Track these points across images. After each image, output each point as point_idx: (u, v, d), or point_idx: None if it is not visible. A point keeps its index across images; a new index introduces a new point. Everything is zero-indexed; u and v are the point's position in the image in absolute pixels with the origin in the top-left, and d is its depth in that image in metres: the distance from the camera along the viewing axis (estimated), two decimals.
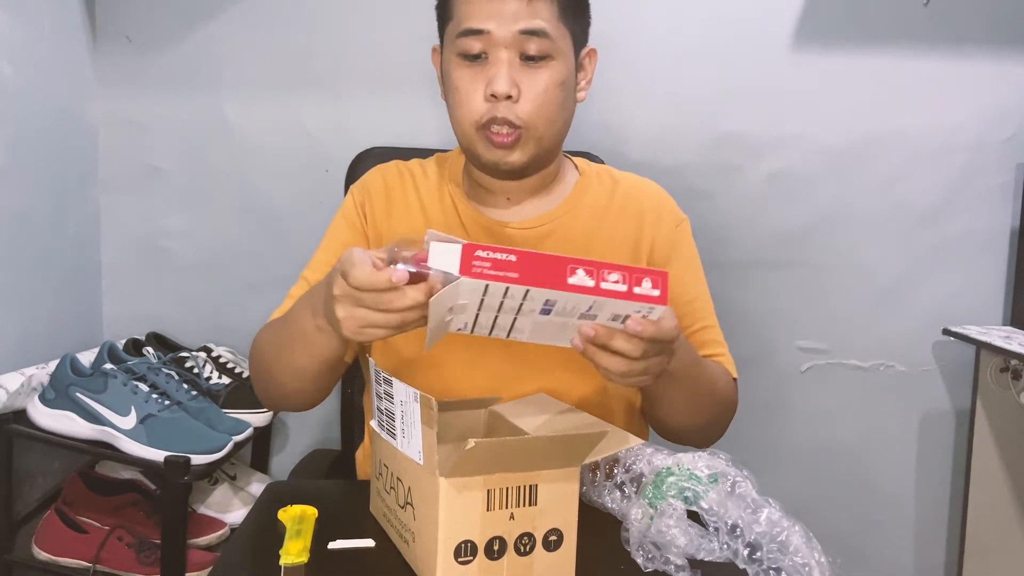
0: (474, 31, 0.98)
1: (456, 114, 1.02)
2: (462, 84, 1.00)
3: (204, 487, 1.59)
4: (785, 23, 1.81)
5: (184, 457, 1.36)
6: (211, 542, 1.52)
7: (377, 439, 0.86)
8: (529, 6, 0.97)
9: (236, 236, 1.82)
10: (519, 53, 0.98)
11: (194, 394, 1.51)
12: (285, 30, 1.77)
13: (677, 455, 0.89)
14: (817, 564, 0.77)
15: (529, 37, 0.98)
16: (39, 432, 1.42)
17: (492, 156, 1.01)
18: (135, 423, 1.39)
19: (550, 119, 1.01)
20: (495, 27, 0.97)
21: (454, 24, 1.01)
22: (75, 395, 1.41)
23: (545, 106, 1.00)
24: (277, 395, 1.03)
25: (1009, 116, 1.85)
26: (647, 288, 0.74)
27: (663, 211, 1.14)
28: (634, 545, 0.82)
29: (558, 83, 1.00)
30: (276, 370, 0.98)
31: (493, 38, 0.98)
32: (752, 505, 0.82)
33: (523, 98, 0.99)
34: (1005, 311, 1.89)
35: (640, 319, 0.76)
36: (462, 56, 1.00)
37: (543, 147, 1.03)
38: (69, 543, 1.46)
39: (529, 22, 0.97)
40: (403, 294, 0.73)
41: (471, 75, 0.99)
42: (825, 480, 1.92)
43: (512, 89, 0.98)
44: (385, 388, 0.79)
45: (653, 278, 0.75)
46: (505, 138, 0.99)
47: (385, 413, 0.80)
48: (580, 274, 0.73)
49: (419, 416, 0.73)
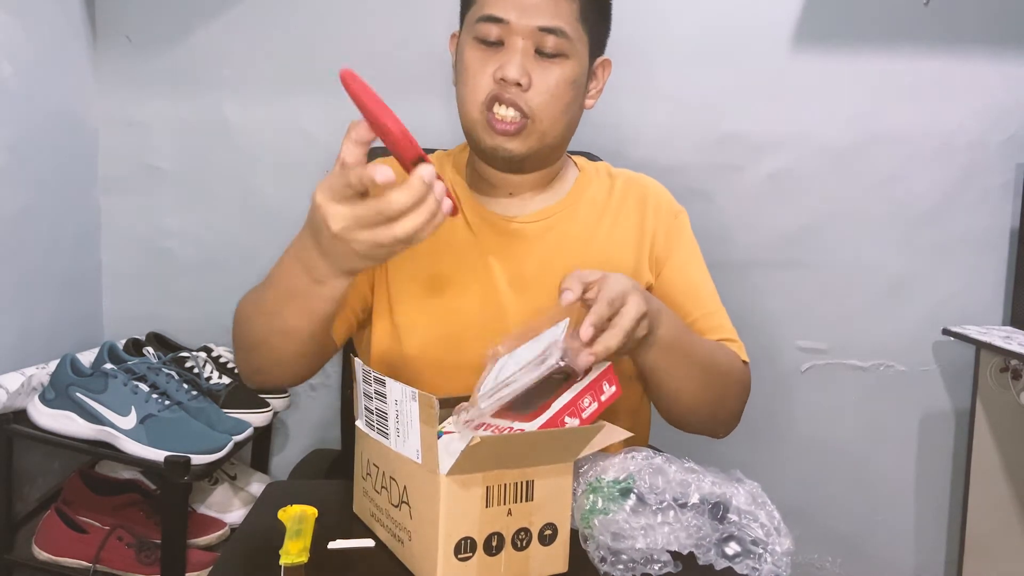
0: (494, 18, 0.98)
1: (462, 93, 1.02)
2: (472, 64, 1.01)
3: (204, 487, 1.59)
4: (785, 23, 1.81)
5: (184, 457, 1.36)
6: (211, 542, 1.53)
7: (364, 439, 0.86)
8: (552, 2, 0.98)
9: (236, 236, 1.82)
10: (535, 45, 0.99)
11: (194, 394, 1.51)
12: (285, 30, 1.77)
13: (594, 468, 0.88)
14: (768, 516, 0.78)
15: (547, 34, 0.98)
16: (39, 432, 1.42)
17: (492, 141, 1.01)
18: (135, 423, 1.39)
19: (556, 115, 1.01)
20: (515, 18, 0.98)
21: (475, 9, 1.01)
22: (75, 395, 1.41)
23: (554, 100, 1.00)
24: (267, 363, 0.97)
25: (1009, 116, 1.85)
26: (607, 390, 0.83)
27: (661, 204, 1.15)
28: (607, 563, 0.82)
29: (569, 80, 1.01)
30: (267, 336, 0.93)
31: (512, 28, 0.98)
32: (682, 487, 0.82)
33: (533, 88, 0.99)
34: (1005, 311, 1.89)
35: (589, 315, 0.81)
36: (478, 40, 1.00)
37: (544, 142, 1.03)
38: (69, 543, 1.46)
39: (550, 19, 0.98)
40: (393, 197, 0.71)
41: (483, 57, 1.00)
42: (825, 480, 1.92)
43: (523, 77, 0.98)
44: (376, 388, 0.79)
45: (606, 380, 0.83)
46: (508, 125, 0.99)
47: (376, 413, 0.81)
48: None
49: (417, 415, 0.73)
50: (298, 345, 0.93)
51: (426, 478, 0.74)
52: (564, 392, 0.85)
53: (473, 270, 1.08)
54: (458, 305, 1.07)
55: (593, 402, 0.84)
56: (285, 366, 0.97)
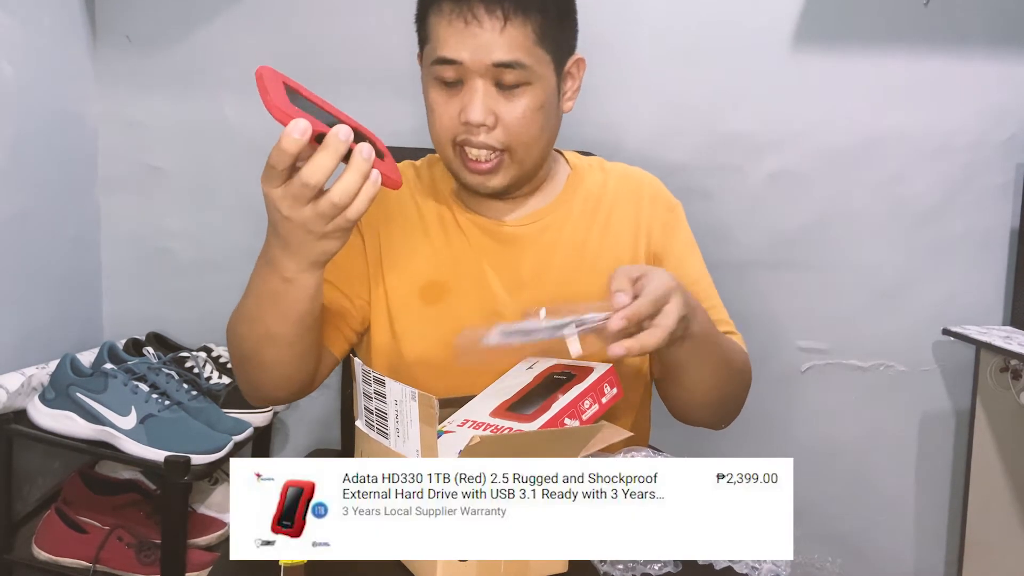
0: (447, 60, 0.97)
1: (433, 132, 1.02)
2: (437, 107, 1.00)
3: (204, 487, 1.59)
4: (785, 23, 1.80)
5: (184, 457, 1.36)
6: (211, 542, 1.53)
7: (363, 439, 0.86)
8: (503, 36, 0.95)
9: (236, 236, 1.82)
10: (494, 81, 0.97)
11: (194, 394, 1.51)
12: (285, 30, 1.77)
13: None
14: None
15: (504, 69, 0.96)
16: (39, 432, 1.42)
17: (472, 180, 1.02)
18: (135, 423, 1.39)
19: (529, 143, 1.00)
20: (468, 57, 0.96)
21: (429, 49, 1.00)
22: (75, 395, 1.41)
23: (523, 131, 0.99)
24: (259, 376, 0.95)
25: (1009, 116, 1.84)
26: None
27: (657, 197, 1.14)
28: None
29: (536, 107, 0.99)
30: (254, 346, 0.92)
31: (467, 68, 0.96)
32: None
33: (500, 125, 0.98)
34: (1005, 311, 1.89)
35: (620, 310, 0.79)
36: (437, 82, 1.00)
37: (525, 169, 1.03)
38: (69, 543, 1.46)
39: (504, 54, 0.95)
40: (322, 156, 0.72)
41: (446, 99, 0.99)
42: (825, 480, 1.92)
43: (487, 118, 0.97)
44: (376, 388, 0.79)
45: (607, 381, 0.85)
46: (484, 164, 0.99)
47: (376, 413, 0.81)
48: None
49: (417, 415, 0.73)
50: (284, 352, 0.91)
51: None
52: (565, 393, 0.85)
53: (469, 276, 1.08)
54: (456, 312, 1.07)
55: (594, 404, 0.84)
56: (277, 377, 0.95)
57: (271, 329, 0.89)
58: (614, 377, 0.86)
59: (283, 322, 0.88)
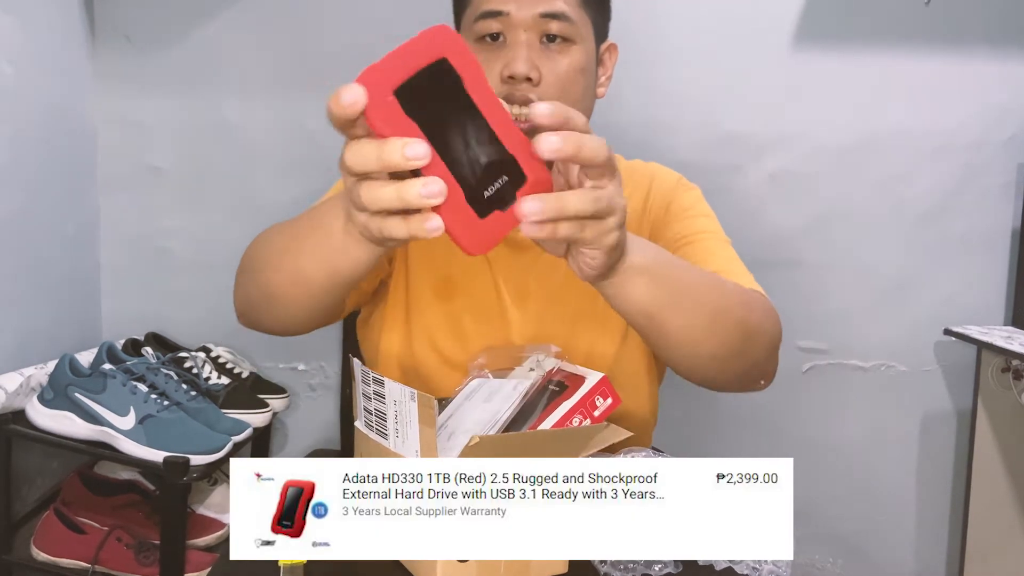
0: (493, 12, 0.95)
1: None
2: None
3: (203, 487, 1.59)
4: (785, 23, 1.80)
5: (183, 458, 1.36)
6: (210, 542, 1.52)
7: (363, 439, 0.86)
8: None
9: (236, 236, 1.80)
10: (539, 35, 0.95)
11: (193, 394, 1.51)
12: (285, 30, 1.77)
13: None
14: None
15: (550, 20, 0.95)
16: (38, 432, 1.42)
17: None
18: (134, 423, 1.39)
19: (572, 105, 0.97)
20: (515, 8, 0.95)
21: (471, 10, 0.98)
22: (74, 395, 1.40)
23: (568, 91, 0.96)
24: (260, 295, 0.85)
25: (1009, 116, 1.84)
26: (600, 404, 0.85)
27: (663, 185, 1.11)
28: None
29: (579, 68, 0.97)
30: (273, 268, 0.82)
31: (512, 20, 0.95)
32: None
33: (544, 82, 0.95)
34: (1006, 311, 1.89)
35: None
36: (479, 40, 0.97)
37: None
38: (68, 544, 1.46)
39: (550, 4, 0.95)
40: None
41: (487, 58, 0.95)
42: (825, 480, 1.92)
43: (532, 71, 0.94)
44: (375, 388, 0.79)
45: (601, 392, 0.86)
46: (524, 124, 0.95)
47: (375, 413, 0.80)
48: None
49: (416, 415, 0.73)
50: (299, 292, 0.80)
51: None
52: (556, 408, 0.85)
53: (477, 278, 1.08)
54: (466, 312, 1.07)
55: (585, 420, 0.83)
56: (277, 308, 0.84)
57: (304, 266, 0.76)
58: (608, 387, 0.85)
59: (321, 267, 0.74)
